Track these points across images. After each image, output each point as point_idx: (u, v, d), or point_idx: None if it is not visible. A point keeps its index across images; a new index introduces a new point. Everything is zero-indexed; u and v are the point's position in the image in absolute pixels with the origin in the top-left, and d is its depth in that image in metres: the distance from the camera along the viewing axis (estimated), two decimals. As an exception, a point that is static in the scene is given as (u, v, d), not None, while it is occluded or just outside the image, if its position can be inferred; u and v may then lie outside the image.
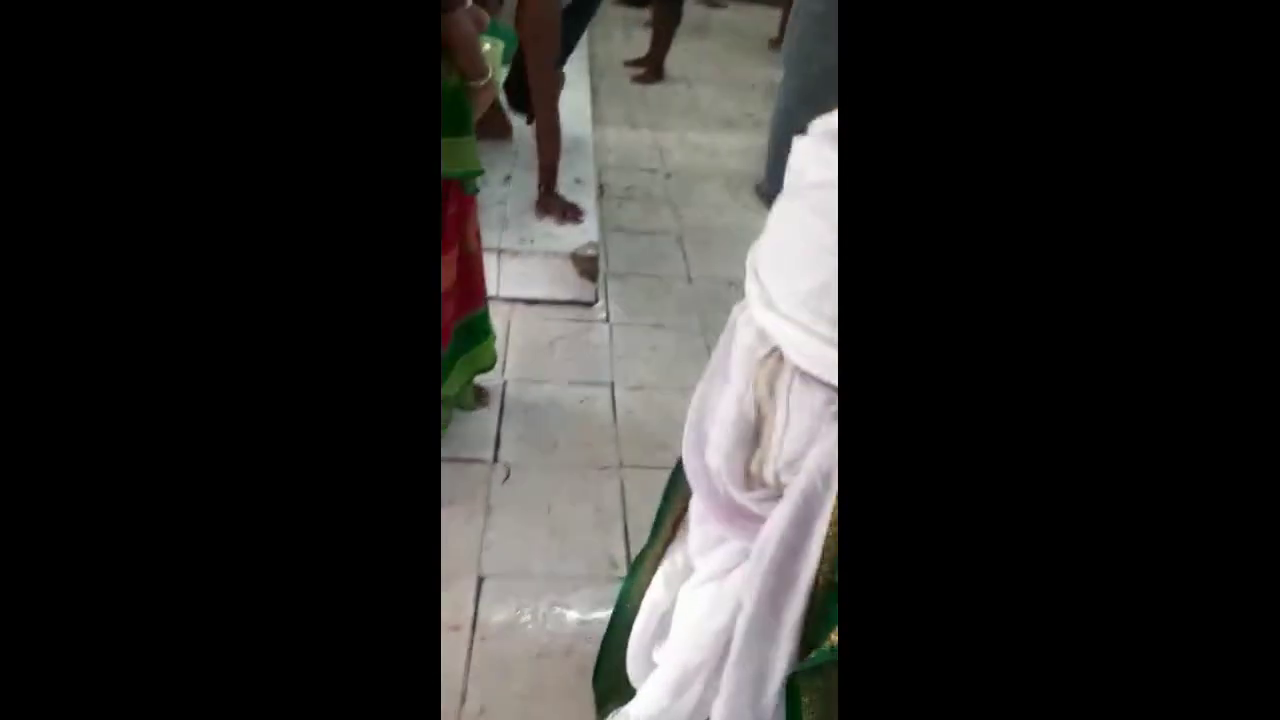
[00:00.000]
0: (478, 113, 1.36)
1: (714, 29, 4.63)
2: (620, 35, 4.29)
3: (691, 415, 0.63)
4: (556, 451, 1.65)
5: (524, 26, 2.04)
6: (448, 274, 1.40)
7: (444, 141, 1.30)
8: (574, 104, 2.67)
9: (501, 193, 2.28)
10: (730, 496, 0.59)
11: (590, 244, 2.11)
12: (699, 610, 0.63)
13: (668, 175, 2.85)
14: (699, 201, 2.71)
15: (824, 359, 0.50)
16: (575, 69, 2.90)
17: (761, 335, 0.54)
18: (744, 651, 0.54)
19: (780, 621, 0.53)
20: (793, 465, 0.53)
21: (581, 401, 1.80)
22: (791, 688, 0.54)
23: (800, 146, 0.57)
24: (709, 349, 1.99)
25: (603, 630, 1.31)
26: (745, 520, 0.58)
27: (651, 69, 3.65)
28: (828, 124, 0.56)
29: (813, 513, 0.51)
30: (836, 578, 0.52)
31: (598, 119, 3.06)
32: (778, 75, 2.74)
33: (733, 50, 4.34)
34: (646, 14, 4.05)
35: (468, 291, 1.50)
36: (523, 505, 1.52)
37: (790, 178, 0.57)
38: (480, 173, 1.39)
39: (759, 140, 2.95)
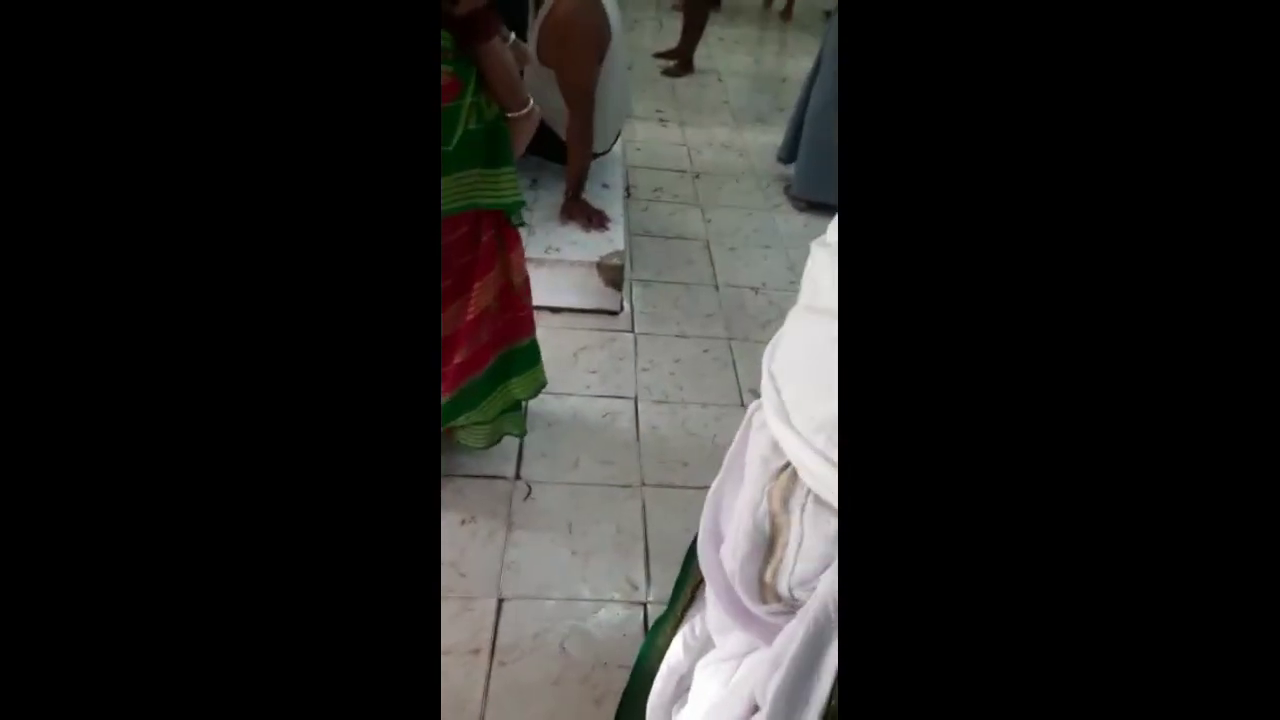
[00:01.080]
0: (519, 144, 1.34)
1: (746, 12, 4.54)
2: (651, 24, 4.23)
3: (707, 510, 0.62)
4: (578, 469, 1.65)
5: (554, 27, 2.02)
6: (483, 297, 1.39)
7: (481, 173, 1.29)
8: (602, 103, 2.64)
9: (528, 198, 2.26)
10: (743, 604, 0.58)
11: (616, 252, 2.09)
12: (716, 696, 0.63)
13: (696, 176, 2.82)
14: (728, 203, 2.67)
15: (836, 487, 0.49)
16: (604, 65, 2.86)
17: (776, 448, 0.53)
18: None
19: None
20: (807, 583, 0.52)
21: (604, 416, 1.80)
22: None
23: (817, 257, 0.55)
24: (734, 361, 1.99)
25: (619, 656, 1.33)
26: (757, 624, 0.57)
27: (681, 61, 3.59)
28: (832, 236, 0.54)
29: (824, 639, 0.50)
30: None
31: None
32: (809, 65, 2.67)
33: (765, 40, 4.26)
34: None
35: (511, 321, 1.47)
36: (544, 524, 1.53)
37: (807, 289, 0.55)
38: (522, 204, 1.37)
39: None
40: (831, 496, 0.50)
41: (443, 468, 1.59)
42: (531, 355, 1.54)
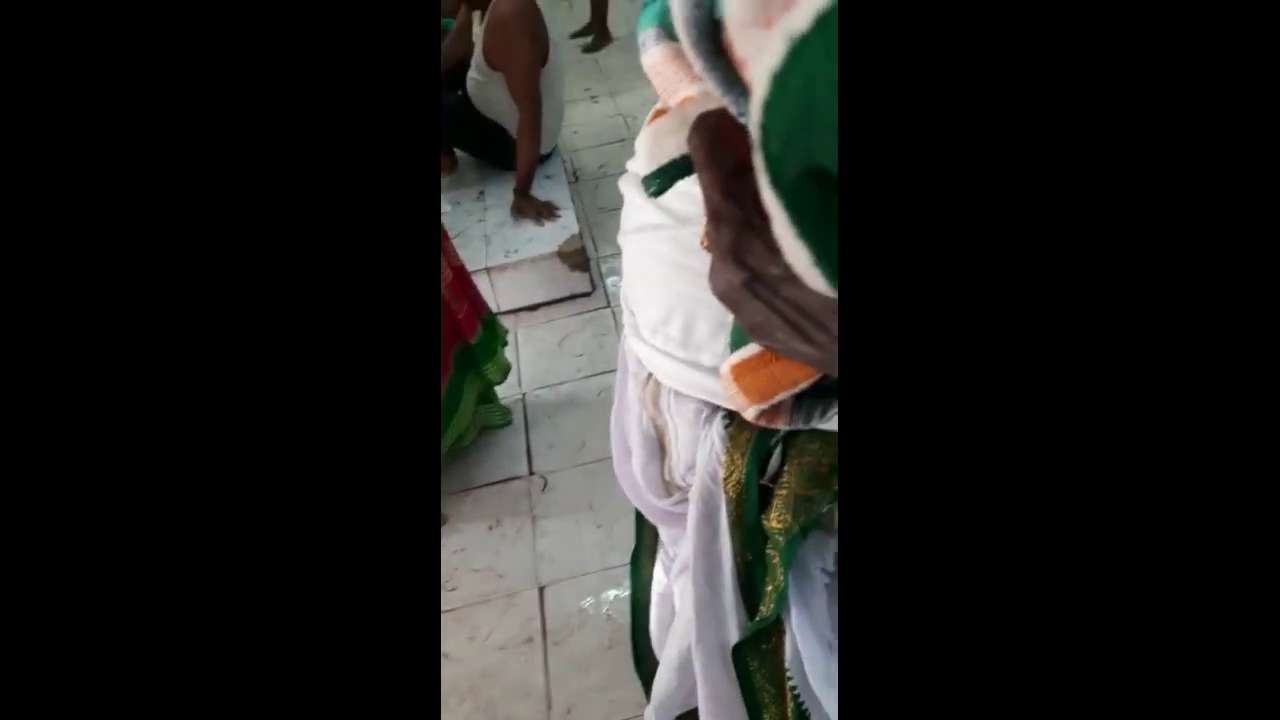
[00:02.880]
0: None
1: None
2: (561, 6, 4.21)
3: (614, 434, 0.66)
4: (586, 449, 1.70)
5: (496, 26, 2.07)
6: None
7: None
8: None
9: (479, 209, 2.31)
10: (654, 504, 0.61)
11: (573, 236, 2.12)
12: (680, 598, 0.67)
13: (637, 140, 2.82)
14: (674, 157, 2.67)
15: (680, 376, 0.54)
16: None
17: (639, 362, 0.57)
18: (701, 628, 0.59)
19: (720, 599, 0.58)
20: (690, 468, 0.56)
21: (600, 394, 1.84)
22: (739, 658, 0.58)
23: (622, 187, 0.59)
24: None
25: (664, 608, 1.38)
26: (671, 518, 0.61)
27: (598, 33, 3.59)
28: (634, 166, 0.57)
29: (713, 508, 0.55)
30: (751, 556, 0.56)
31: (557, 103, 3.04)
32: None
33: (677, -13, 4.20)
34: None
35: (465, 317, 1.55)
36: (566, 509, 1.58)
37: (623, 214, 0.59)
38: None
39: (719, 76, 2.88)
40: (679, 385, 0.54)
41: (459, 483, 1.65)
42: (490, 345, 1.63)
